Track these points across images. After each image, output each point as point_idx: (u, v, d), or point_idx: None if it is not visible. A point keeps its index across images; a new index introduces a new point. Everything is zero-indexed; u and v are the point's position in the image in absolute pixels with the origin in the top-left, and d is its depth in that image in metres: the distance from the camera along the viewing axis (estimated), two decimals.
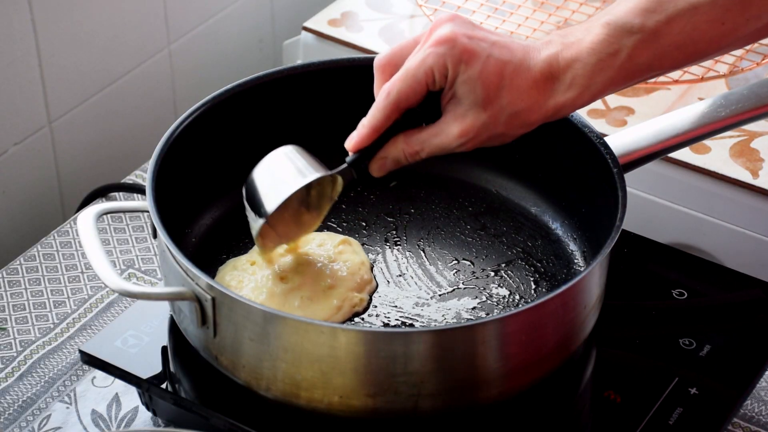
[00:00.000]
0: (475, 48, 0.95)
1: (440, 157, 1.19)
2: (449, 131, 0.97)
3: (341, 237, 1.13)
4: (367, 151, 1.00)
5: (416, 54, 0.97)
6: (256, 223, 1.02)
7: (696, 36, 0.94)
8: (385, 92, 0.98)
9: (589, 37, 0.95)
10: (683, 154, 1.30)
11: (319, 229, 1.14)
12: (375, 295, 1.08)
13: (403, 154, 1.00)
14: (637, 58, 0.95)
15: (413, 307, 1.08)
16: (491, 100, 0.95)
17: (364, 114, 1.19)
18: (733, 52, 1.37)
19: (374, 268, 1.11)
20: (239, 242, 1.13)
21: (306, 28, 1.48)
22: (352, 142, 1.00)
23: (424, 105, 0.98)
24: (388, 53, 1.01)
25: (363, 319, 1.06)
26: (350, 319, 1.06)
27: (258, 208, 1.01)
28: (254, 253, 1.11)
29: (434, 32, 0.97)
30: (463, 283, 1.10)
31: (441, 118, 0.99)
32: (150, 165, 1.05)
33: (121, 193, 1.34)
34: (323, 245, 1.12)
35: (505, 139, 0.99)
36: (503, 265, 1.12)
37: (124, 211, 1.10)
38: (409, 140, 0.99)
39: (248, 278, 1.08)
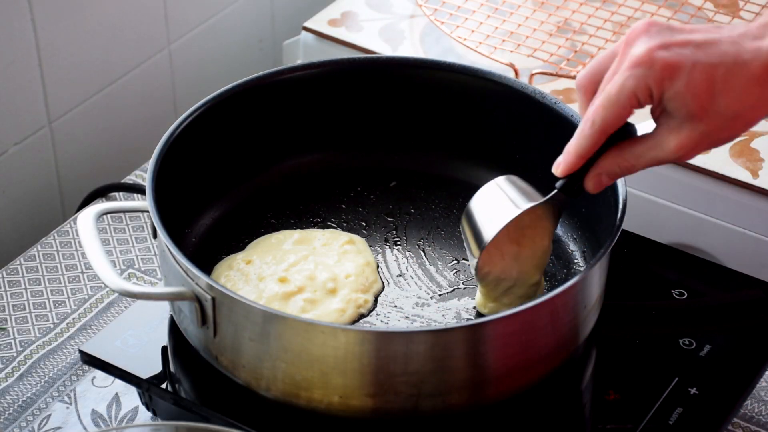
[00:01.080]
0: (677, 60, 0.89)
1: (440, 157, 1.20)
2: (666, 145, 0.92)
3: (346, 236, 1.13)
4: (576, 175, 0.98)
5: (615, 77, 0.91)
6: (475, 256, 1.02)
7: None
8: (589, 121, 0.93)
9: None
10: None
11: (323, 228, 1.14)
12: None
13: (618, 168, 0.96)
14: None
15: (413, 307, 1.08)
16: (706, 109, 0.89)
17: (364, 114, 1.19)
18: None
19: (377, 268, 1.11)
20: (239, 242, 1.13)
21: (306, 28, 1.48)
22: (560, 168, 0.97)
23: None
24: (587, 71, 0.95)
25: (367, 320, 1.06)
26: (355, 321, 1.06)
27: (477, 241, 1.01)
28: (250, 251, 1.11)
29: (629, 50, 0.91)
30: (463, 283, 1.10)
31: (655, 129, 0.94)
32: (150, 165, 1.05)
33: (121, 193, 1.33)
34: (327, 245, 1.11)
35: (728, 141, 0.92)
36: None
37: (124, 211, 1.10)
38: (623, 154, 0.95)
39: (244, 279, 1.07)
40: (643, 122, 0.96)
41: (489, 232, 1.00)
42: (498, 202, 1.02)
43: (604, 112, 0.92)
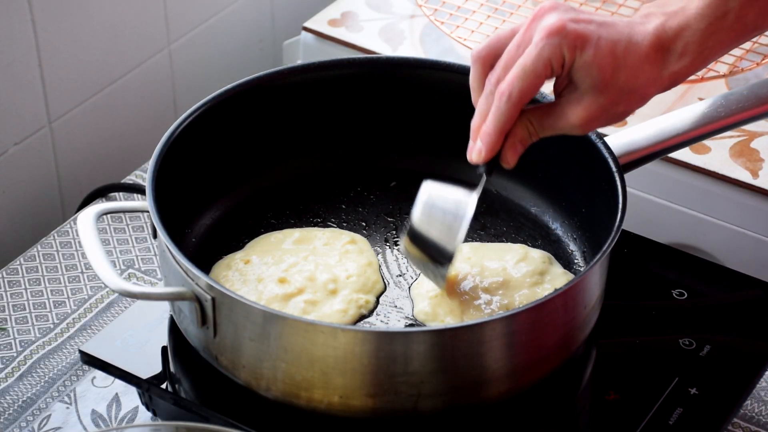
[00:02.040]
0: (586, 32, 0.94)
1: (440, 157, 1.20)
2: (569, 115, 0.96)
3: (348, 236, 1.12)
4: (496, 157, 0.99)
5: (529, 48, 0.95)
6: (441, 271, 1.02)
7: None
8: (504, 95, 0.95)
9: (695, 3, 0.94)
10: (683, 154, 1.30)
11: (324, 227, 1.14)
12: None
13: (528, 135, 0.99)
14: (744, 18, 0.93)
15: (413, 308, 1.08)
16: (608, 82, 0.94)
17: (364, 114, 1.19)
18: (733, 52, 1.37)
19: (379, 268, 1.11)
20: (239, 242, 1.13)
21: (306, 28, 1.48)
22: (482, 154, 0.98)
23: None
24: (487, 45, 0.98)
25: (367, 320, 1.06)
26: (356, 321, 1.06)
27: (441, 255, 1.01)
28: (249, 251, 1.11)
29: (540, 22, 0.95)
30: None
31: (559, 99, 0.98)
32: (150, 165, 1.05)
33: (121, 193, 1.33)
34: (329, 244, 1.11)
35: (623, 117, 0.97)
36: None
37: (124, 211, 1.10)
38: (531, 121, 0.98)
39: (243, 279, 1.07)
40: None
41: (454, 236, 1.00)
42: (442, 209, 1.02)
43: (520, 83, 0.95)
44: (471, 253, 1.10)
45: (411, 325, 1.06)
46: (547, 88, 1.01)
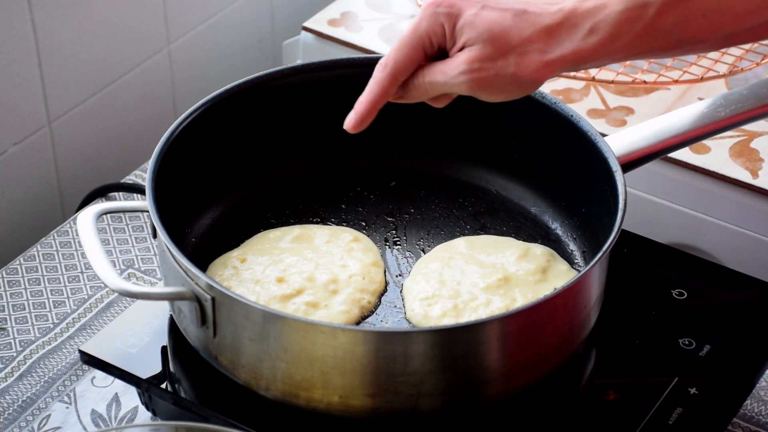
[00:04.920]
0: (466, 2, 0.94)
1: (440, 157, 1.20)
2: (453, 61, 0.95)
3: (351, 234, 1.12)
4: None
5: (409, 27, 0.96)
6: None
7: (724, 6, 0.92)
8: (381, 65, 0.96)
9: None
10: (683, 154, 1.30)
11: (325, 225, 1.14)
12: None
13: (417, 82, 0.98)
14: (664, 17, 0.92)
15: None
16: (497, 36, 0.93)
17: None
18: (733, 52, 1.37)
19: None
20: (239, 242, 1.13)
21: (306, 28, 1.48)
22: (351, 122, 0.98)
23: None
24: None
25: (367, 320, 1.06)
26: (358, 322, 1.06)
27: None
28: (246, 248, 1.11)
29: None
30: None
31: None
32: (150, 165, 1.05)
33: (120, 193, 1.33)
34: (331, 242, 1.11)
35: (517, 84, 0.95)
36: None
37: (123, 211, 1.10)
38: (420, 71, 0.97)
39: (239, 279, 1.07)
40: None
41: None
42: None
43: (396, 54, 0.96)
44: (467, 248, 1.10)
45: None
46: (547, 88, 1.01)
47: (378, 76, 0.97)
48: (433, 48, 0.96)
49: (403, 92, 0.98)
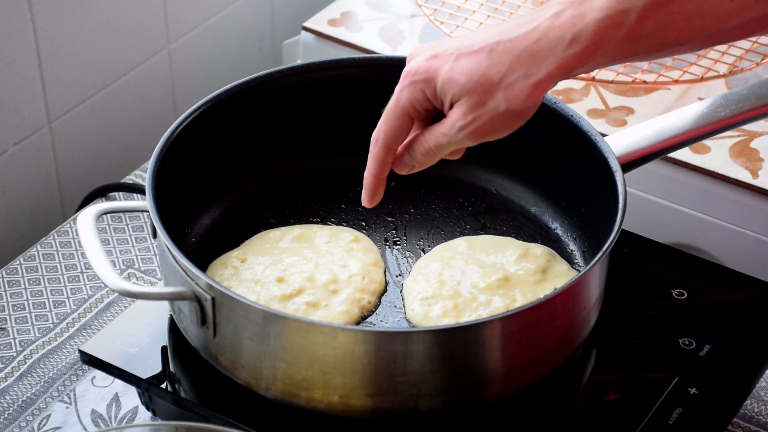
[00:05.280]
0: (439, 59, 0.95)
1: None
2: (449, 120, 0.96)
3: (351, 234, 1.12)
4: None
5: (392, 97, 0.98)
6: None
7: (705, 8, 0.92)
8: (374, 139, 0.98)
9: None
10: (683, 154, 1.30)
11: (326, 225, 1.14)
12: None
13: (420, 147, 0.99)
14: (645, 22, 0.92)
15: None
16: (478, 82, 0.93)
17: (364, 113, 1.19)
18: (733, 52, 1.37)
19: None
20: (239, 242, 1.13)
21: (306, 28, 1.48)
22: (364, 199, 1.01)
23: None
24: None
25: (367, 320, 1.06)
26: (358, 322, 1.06)
27: None
28: (246, 248, 1.11)
29: (404, 69, 0.98)
30: None
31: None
32: (150, 165, 1.05)
33: (120, 193, 1.33)
34: (331, 242, 1.11)
35: (518, 119, 0.95)
36: None
37: (124, 211, 1.10)
38: (420, 136, 0.98)
39: (239, 279, 1.07)
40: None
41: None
42: None
43: (384, 127, 0.97)
44: (467, 248, 1.10)
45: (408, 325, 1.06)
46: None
47: (373, 150, 0.99)
48: (419, 113, 0.97)
49: (414, 162, 0.99)
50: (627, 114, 1.36)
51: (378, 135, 0.98)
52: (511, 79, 0.93)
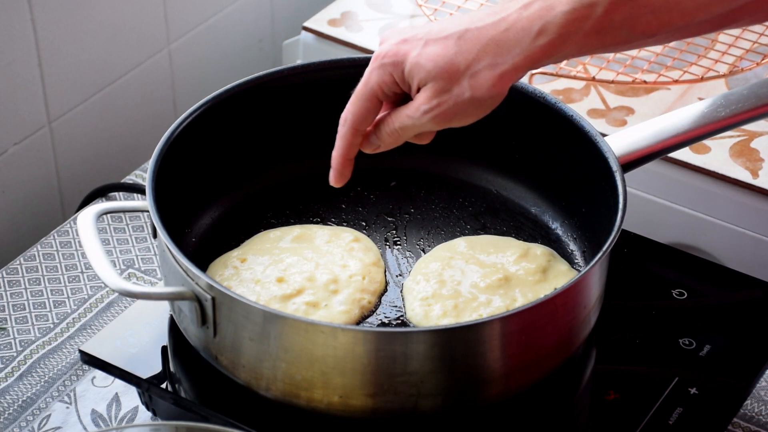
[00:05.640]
0: (405, 47, 0.96)
1: (440, 157, 1.20)
2: (414, 103, 0.97)
3: (351, 234, 1.12)
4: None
5: (362, 79, 0.99)
6: None
7: (672, 2, 0.92)
8: (342, 119, 1.00)
9: None
10: (683, 154, 1.30)
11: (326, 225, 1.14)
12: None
13: (385, 128, 1.00)
14: (612, 15, 0.92)
15: None
16: (444, 68, 0.94)
17: None
18: (733, 52, 1.37)
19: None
20: (239, 242, 1.13)
21: (306, 28, 1.48)
22: (332, 178, 1.02)
23: None
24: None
25: (367, 320, 1.06)
26: (358, 322, 1.06)
27: None
28: (246, 248, 1.11)
29: (375, 53, 0.99)
30: None
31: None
32: (150, 165, 1.05)
33: (121, 193, 1.33)
34: (331, 242, 1.11)
35: (481, 108, 0.96)
36: None
37: (124, 211, 1.10)
38: (387, 117, 1.00)
39: (239, 279, 1.07)
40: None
41: None
42: None
43: (352, 108, 0.99)
44: (468, 248, 1.10)
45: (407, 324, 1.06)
46: (547, 88, 1.01)
47: (341, 131, 1.00)
48: (387, 96, 0.98)
49: (379, 142, 1.00)
50: (627, 114, 1.36)
51: (346, 116, 0.99)
52: (477, 68, 0.94)
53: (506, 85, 0.95)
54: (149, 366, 1.05)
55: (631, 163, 1.09)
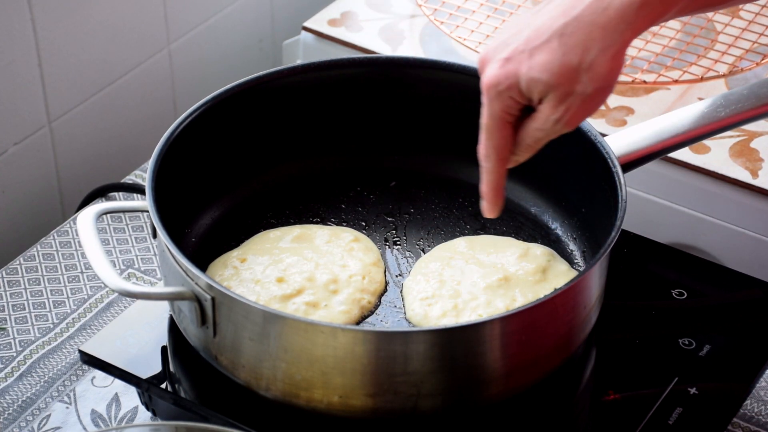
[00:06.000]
0: (514, 62, 0.93)
1: (440, 157, 1.20)
2: (542, 113, 0.94)
3: (351, 234, 1.12)
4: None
5: (483, 110, 0.96)
6: None
7: None
8: (483, 156, 0.97)
9: None
10: (683, 154, 1.30)
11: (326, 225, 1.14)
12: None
13: (523, 142, 0.98)
14: None
15: None
16: (560, 73, 0.91)
17: (364, 114, 1.19)
18: (732, 52, 1.37)
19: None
20: (239, 242, 1.13)
21: (306, 28, 1.48)
22: (490, 212, 1.00)
23: None
24: None
25: (367, 320, 1.06)
26: (358, 322, 1.06)
27: None
28: (246, 248, 1.11)
29: (482, 82, 0.95)
30: None
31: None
32: (150, 165, 1.05)
33: (120, 193, 1.33)
34: (331, 242, 1.11)
35: (606, 92, 0.92)
36: None
37: (123, 211, 1.10)
38: (520, 134, 0.97)
39: (239, 279, 1.07)
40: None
41: None
42: None
43: (490, 142, 0.96)
44: (467, 248, 1.10)
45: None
46: None
47: (488, 166, 0.97)
48: (516, 116, 0.95)
49: (516, 159, 0.98)
50: (627, 114, 1.36)
51: (488, 151, 0.97)
52: (590, 59, 0.91)
53: (621, 62, 0.92)
54: (149, 366, 1.05)
55: (631, 163, 1.09)
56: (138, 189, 1.32)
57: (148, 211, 1.01)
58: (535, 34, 0.92)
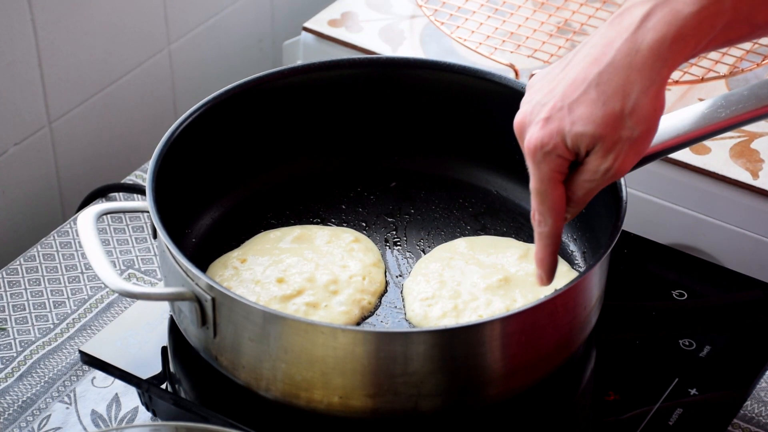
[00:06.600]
0: (555, 120, 0.91)
1: (440, 158, 1.20)
2: (590, 165, 0.92)
3: (351, 234, 1.12)
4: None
5: (531, 175, 0.93)
6: None
7: None
8: (538, 221, 0.94)
9: None
10: (683, 155, 1.30)
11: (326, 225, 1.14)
12: None
13: (574, 198, 0.95)
14: (738, 5, 0.89)
15: None
16: (603, 123, 0.89)
17: (364, 114, 1.19)
18: (733, 53, 1.37)
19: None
20: (239, 242, 1.13)
21: (306, 29, 1.48)
22: (548, 279, 0.97)
23: None
24: None
25: (367, 321, 1.06)
26: (358, 322, 1.06)
27: None
28: (246, 249, 1.11)
29: (523, 146, 0.93)
30: None
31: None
32: (150, 165, 1.05)
33: (121, 194, 1.33)
34: (332, 242, 1.11)
35: (653, 132, 0.91)
36: None
37: (124, 211, 1.10)
38: (571, 188, 0.94)
39: (239, 279, 1.07)
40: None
41: None
42: None
43: (542, 207, 0.93)
44: (468, 249, 1.10)
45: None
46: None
47: (545, 230, 0.94)
48: (566, 174, 0.93)
49: (569, 214, 0.95)
50: None
51: (544, 215, 0.94)
52: (631, 103, 0.89)
53: (663, 99, 0.90)
54: (149, 366, 1.05)
55: None
56: (138, 189, 1.32)
57: (148, 212, 1.01)
58: (571, 87, 0.90)
